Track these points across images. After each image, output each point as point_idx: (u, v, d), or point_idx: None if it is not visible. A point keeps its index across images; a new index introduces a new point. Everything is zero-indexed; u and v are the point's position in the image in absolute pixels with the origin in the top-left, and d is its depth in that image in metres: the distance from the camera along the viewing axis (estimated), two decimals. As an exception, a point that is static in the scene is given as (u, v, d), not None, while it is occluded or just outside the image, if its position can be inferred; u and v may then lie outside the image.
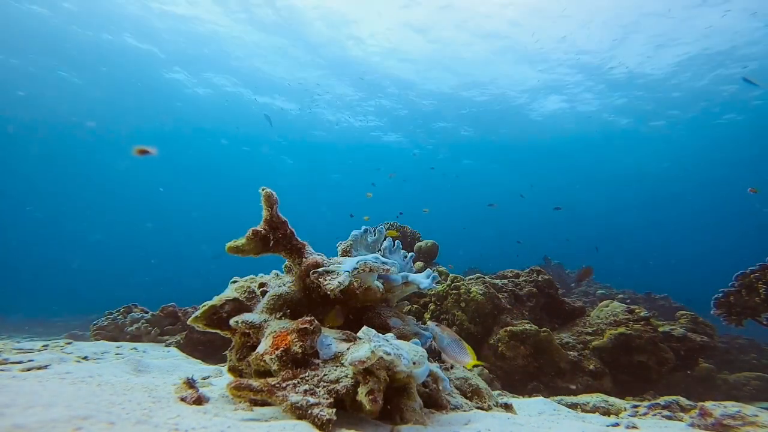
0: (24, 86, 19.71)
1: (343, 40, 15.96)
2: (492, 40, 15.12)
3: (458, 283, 5.02)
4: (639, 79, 16.83)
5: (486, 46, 15.57)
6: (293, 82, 18.93)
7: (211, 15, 14.68)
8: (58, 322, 12.36)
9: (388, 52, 16.46)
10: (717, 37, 13.32)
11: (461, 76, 17.91)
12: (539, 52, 15.52)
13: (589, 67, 16.39)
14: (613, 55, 15.34)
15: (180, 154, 31.96)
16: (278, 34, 15.70)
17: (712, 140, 22.52)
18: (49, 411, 1.02)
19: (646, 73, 16.35)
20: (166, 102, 22.46)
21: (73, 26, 15.47)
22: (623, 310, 4.74)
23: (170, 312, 5.14)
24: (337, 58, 17.20)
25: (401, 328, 1.99)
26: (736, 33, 13.08)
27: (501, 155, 26.90)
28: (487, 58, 16.24)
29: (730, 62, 14.88)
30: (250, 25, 15.18)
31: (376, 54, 16.75)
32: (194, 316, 1.73)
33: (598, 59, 15.72)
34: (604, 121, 20.99)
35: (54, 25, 15.27)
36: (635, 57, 15.28)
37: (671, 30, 13.33)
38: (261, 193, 1.75)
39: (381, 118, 22.70)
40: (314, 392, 1.30)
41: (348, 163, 30.27)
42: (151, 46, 16.92)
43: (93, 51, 17.10)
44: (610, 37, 14.42)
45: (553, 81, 17.66)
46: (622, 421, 2.35)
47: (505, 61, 16.35)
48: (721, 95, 17.59)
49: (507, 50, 15.66)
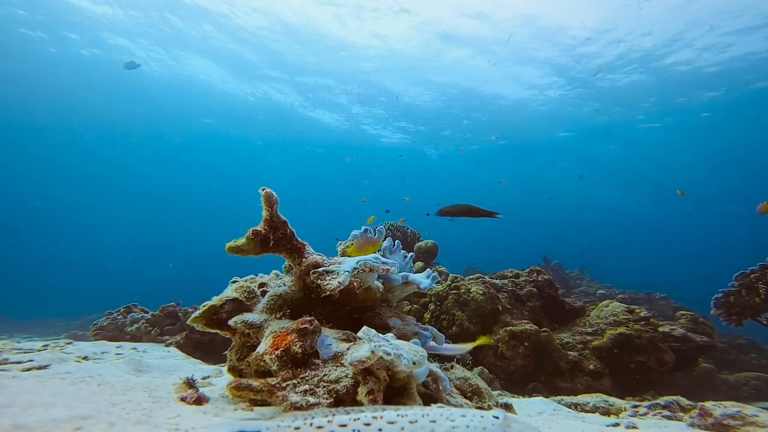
0: (25, 86, 19.78)
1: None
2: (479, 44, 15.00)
3: (458, 283, 5.02)
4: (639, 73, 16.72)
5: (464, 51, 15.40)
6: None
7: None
8: (58, 322, 12.36)
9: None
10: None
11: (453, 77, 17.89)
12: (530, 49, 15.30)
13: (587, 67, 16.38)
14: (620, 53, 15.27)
15: (186, 153, 31.97)
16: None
17: (711, 140, 22.55)
18: (49, 411, 1.02)
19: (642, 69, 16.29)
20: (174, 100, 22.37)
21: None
22: (623, 310, 4.74)
23: (170, 312, 5.14)
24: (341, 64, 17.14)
25: (401, 328, 1.99)
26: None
27: (501, 154, 26.80)
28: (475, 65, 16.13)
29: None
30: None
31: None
32: (194, 316, 1.73)
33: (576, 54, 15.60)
34: (602, 120, 20.97)
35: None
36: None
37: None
38: (261, 193, 1.75)
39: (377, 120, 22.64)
40: (314, 392, 1.30)
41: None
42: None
43: (97, 54, 17.20)
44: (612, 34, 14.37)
45: (552, 80, 17.67)
46: (622, 421, 2.35)
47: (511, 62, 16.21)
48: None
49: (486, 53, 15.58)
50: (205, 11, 14.46)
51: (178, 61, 17.99)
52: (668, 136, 22.33)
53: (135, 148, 30.72)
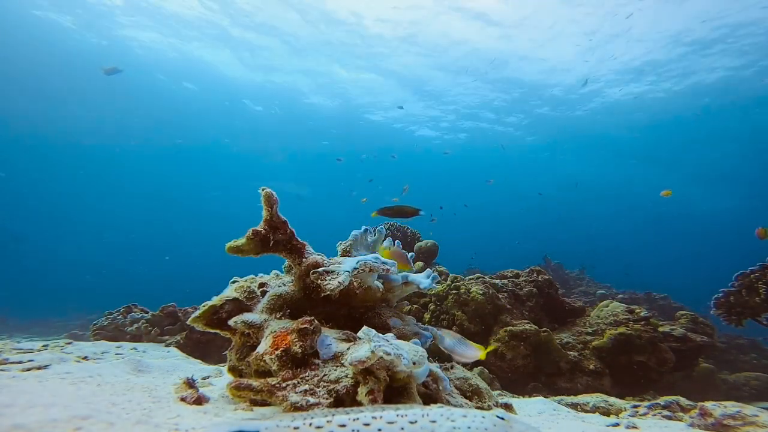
0: (30, 85, 19.83)
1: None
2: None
3: (458, 283, 5.02)
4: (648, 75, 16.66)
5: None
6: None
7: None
8: (58, 322, 12.35)
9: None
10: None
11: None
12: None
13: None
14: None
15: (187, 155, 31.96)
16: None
17: (709, 140, 22.57)
18: (49, 411, 1.02)
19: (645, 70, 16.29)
20: (170, 105, 22.43)
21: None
22: (623, 310, 4.74)
23: (170, 312, 5.14)
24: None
25: (401, 328, 1.99)
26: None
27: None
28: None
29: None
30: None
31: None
32: (194, 316, 1.73)
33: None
34: (600, 120, 20.94)
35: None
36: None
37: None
38: (261, 193, 1.75)
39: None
40: (314, 392, 1.30)
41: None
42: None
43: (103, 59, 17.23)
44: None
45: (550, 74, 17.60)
46: (622, 421, 2.36)
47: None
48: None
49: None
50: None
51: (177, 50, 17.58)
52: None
53: (135, 147, 30.70)
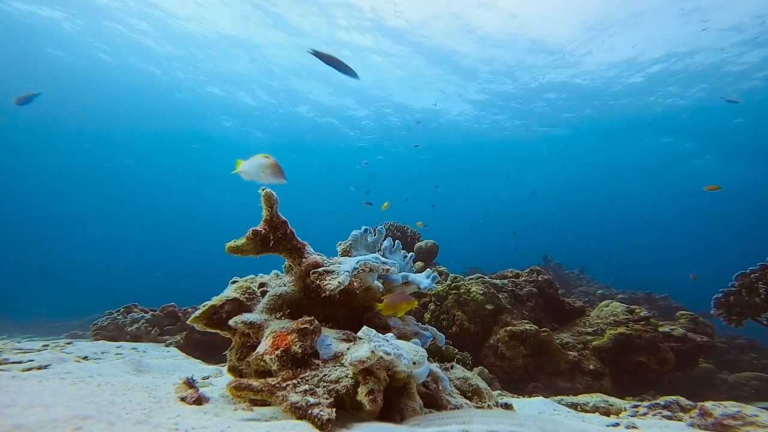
0: (35, 86, 19.85)
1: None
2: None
3: (458, 283, 5.02)
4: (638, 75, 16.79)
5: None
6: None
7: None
8: (57, 322, 12.36)
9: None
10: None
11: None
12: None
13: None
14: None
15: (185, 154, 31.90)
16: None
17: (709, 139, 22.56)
18: (49, 411, 1.01)
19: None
20: (167, 103, 22.44)
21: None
22: (623, 310, 4.74)
23: (170, 312, 5.14)
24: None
25: (401, 328, 1.99)
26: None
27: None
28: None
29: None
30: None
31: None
32: (194, 316, 1.73)
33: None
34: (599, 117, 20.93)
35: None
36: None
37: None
38: (261, 193, 1.75)
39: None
40: (314, 392, 1.30)
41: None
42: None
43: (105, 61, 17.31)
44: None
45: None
46: (622, 421, 2.35)
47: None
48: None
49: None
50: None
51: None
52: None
53: (136, 148, 30.69)
